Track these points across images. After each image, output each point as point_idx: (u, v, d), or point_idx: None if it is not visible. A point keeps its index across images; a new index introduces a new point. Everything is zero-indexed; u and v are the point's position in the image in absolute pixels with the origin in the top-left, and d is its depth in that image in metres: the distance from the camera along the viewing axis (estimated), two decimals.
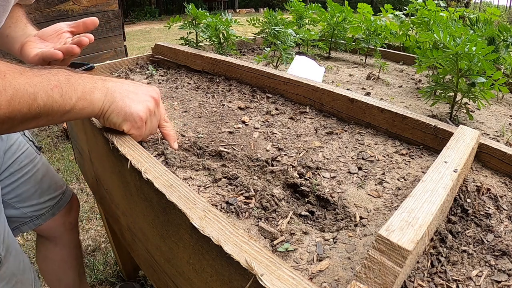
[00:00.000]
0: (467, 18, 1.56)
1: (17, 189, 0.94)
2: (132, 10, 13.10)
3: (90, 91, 0.55)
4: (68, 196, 1.10)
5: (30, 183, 0.97)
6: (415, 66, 1.04)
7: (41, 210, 1.00)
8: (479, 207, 0.54)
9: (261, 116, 0.86)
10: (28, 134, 1.02)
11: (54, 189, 1.05)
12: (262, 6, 16.63)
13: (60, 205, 1.06)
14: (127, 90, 0.60)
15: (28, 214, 0.98)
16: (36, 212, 1.00)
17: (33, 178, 0.98)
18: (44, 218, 1.02)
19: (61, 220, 1.06)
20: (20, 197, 0.95)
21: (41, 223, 1.01)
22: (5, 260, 0.79)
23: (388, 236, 0.35)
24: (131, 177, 0.61)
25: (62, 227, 1.07)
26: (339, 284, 0.41)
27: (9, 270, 0.80)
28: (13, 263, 0.82)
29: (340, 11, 1.65)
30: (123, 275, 1.61)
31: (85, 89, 0.54)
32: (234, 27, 1.35)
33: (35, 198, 0.98)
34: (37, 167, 1.00)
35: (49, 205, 1.02)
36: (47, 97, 0.50)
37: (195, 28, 1.34)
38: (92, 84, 0.56)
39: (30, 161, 0.98)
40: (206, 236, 0.41)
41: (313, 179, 0.60)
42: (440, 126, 0.68)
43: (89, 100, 0.55)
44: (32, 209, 0.98)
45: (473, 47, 0.76)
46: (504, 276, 0.42)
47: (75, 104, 0.53)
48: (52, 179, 1.05)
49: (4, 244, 0.80)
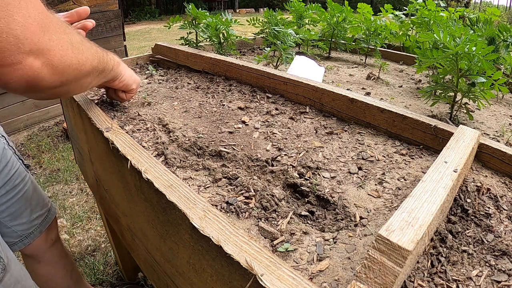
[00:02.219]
0: (467, 18, 1.56)
1: (10, 207, 0.96)
2: (132, 10, 13.09)
3: (117, 63, 0.78)
4: (53, 213, 1.12)
5: (22, 201, 0.99)
6: (415, 66, 1.04)
7: (30, 228, 1.02)
8: (479, 207, 0.54)
9: (261, 116, 0.86)
10: (17, 153, 1.04)
11: (41, 206, 1.07)
12: (262, 6, 16.63)
13: (46, 222, 1.08)
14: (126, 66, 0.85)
15: (18, 233, 1.00)
16: (26, 231, 1.01)
17: (24, 196, 1.00)
18: (32, 236, 1.03)
19: (44, 238, 1.08)
20: (12, 216, 0.97)
21: (30, 241, 1.03)
22: (8, 268, 0.80)
23: (388, 236, 0.35)
24: (131, 177, 0.61)
25: (44, 244, 1.09)
26: (339, 284, 0.41)
27: (13, 277, 0.81)
28: (15, 270, 0.84)
29: (340, 11, 1.64)
30: (123, 275, 1.61)
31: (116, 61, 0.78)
32: (234, 27, 1.34)
33: (26, 216, 1.01)
34: (27, 186, 1.02)
35: (37, 222, 1.05)
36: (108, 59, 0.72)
37: (195, 28, 1.34)
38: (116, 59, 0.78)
39: (22, 179, 1.00)
40: (206, 236, 0.41)
41: (313, 179, 0.60)
42: (440, 126, 0.68)
43: (118, 70, 0.78)
44: (22, 228, 1.00)
45: (473, 47, 0.76)
46: (504, 276, 0.42)
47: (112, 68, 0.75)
48: (40, 196, 1.08)
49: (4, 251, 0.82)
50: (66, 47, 0.55)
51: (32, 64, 0.49)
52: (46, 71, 0.52)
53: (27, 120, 3.16)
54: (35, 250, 1.06)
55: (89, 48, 0.64)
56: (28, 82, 0.51)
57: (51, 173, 2.53)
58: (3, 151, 0.94)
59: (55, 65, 0.53)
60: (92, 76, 0.67)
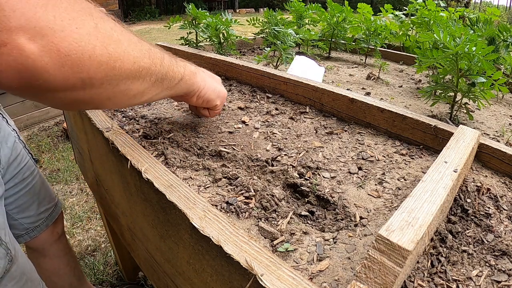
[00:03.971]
0: (467, 18, 1.56)
1: (18, 200, 0.97)
2: (132, 10, 13.09)
3: (192, 73, 0.64)
4: (59, 208, 1.13)
5: (30, 194, 1.00)
6: (415, 66, 1.04)
7: (37, 221, 1.03)
8: (479, 207, 0.54)
9: (261, 116, 0.86)
10: (27, 147, 1.05)
11: (49, 201, 1.08)
12: (262, 6, 16.63)
13: (52, 216, 1.09)
14: (208, 76, 0.71)
15: (25, 226, 1.00)
16: (32, 224, 1.02)
17: (32, 189, 1.01)
18: (39, 229, 1.04)
19: (50, 231, 1.09)
20: (20, 208, 0.98)
21: (36, 234, 1.04)
22: (15, 259, 0.81)
23: (388, 236, 0.35)
24: (131, 177, 0.61)
25: (50, 238, 1.10)
26: (339, 284, 0.41)
27: (19, 268, 0.82)
28: (22, 263, 0.85)
29: (340, 11, 1.64)
30: (123, 275, 1.61)
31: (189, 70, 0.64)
32: (234, 27, 1.34)
33: (33, 209, 1.02)
34: (35, 179, 1.03)
35: (44, 216, 1.06)
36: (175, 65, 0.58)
37: (195, 28, 1.34)
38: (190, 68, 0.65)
39: (31, 173, 1.01)
40: (206, 236, 0.41)
41: (313, 179, 0.60)
42: (440, 126, 0.68)
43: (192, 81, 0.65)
44: (29, 221, 1.01)
45: (473, 47, 0.76)
46: (504, 276, 0.42)
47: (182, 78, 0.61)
48: (47, 191, 1.09)
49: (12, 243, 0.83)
50: (85, 31, 0.39)
51: (23, 47, 0.34)
52: (48, 59, 0.36)
53: (27, 120, 3.16)
54: (41, 243, 1.08)
55: (134, 42, 0.48)
56: (21, 73, 0.36)
57: (51, 173, 2.53)
58: (14, 144, 0.95)
59: (65, 52, 0.37)
60: (144, 82, 0.50)
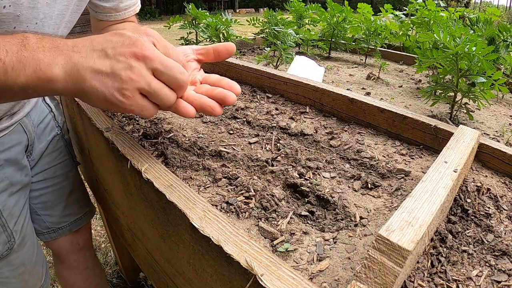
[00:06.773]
0: (467, 18, 1.56)
1: (44, 196, 0.94)
2: None
3: (46, 67, 0.40)
4: (89, 217, 1.08)
5: (58, 193, 0.96)
6: (415, 66, 1.04)
7: (60, 223, 0.99)
8: (479, 207, 0.54)
9: (261, 116, 0.86)
10: (71, 148, 1.01)
11: (78, 207, 1.03)
12: (262, 6, 16.63)
13: (77, 224, 1.03)
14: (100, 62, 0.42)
15: (47, 224, 0.97)
16: (54, 225, 0.98)
17: (61, 190, 0.97)
18: (60, 232, 1.00)
19: (69, 239, 1.04)
20: (44, 205, 0.95)
21: (56, 237, 0.99)
22: (18, 248, 0.78)
23: (388, 236, 0.35)
24: (131, 177, 0.61)
25: (69, 246, 1.05)
26: (339, 284, 0.41)
27: (19, 258, 0.80)
28: (26, 254, 0.82)
29: (340, 11, 1.65)
30: (123, 275, 1.61)
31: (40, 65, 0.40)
32: (234, 27, 1.35)
33: (58, 210, 0.97)
34: (69, 181, 0.99)
35: (68, 220, 1.00)
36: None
37: (195, 28, 1.34)
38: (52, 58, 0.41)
39: (64, 173, 0.97)
40: (206, 236, 0.41)
41: (313, 179, 0.60)
42: (440, 126, 0.68)
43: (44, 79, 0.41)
44: (52, 220, 0.97)
45: (473, 47, 0.76)
46: (504, 276, 0.42)
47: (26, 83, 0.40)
48: (80, 198, 1.04)
49: (22, 232, 0.80)
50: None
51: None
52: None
53: None
54: (58, 248, 1.04)
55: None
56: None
57: None
58: (53, 140, 0.93)
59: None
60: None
